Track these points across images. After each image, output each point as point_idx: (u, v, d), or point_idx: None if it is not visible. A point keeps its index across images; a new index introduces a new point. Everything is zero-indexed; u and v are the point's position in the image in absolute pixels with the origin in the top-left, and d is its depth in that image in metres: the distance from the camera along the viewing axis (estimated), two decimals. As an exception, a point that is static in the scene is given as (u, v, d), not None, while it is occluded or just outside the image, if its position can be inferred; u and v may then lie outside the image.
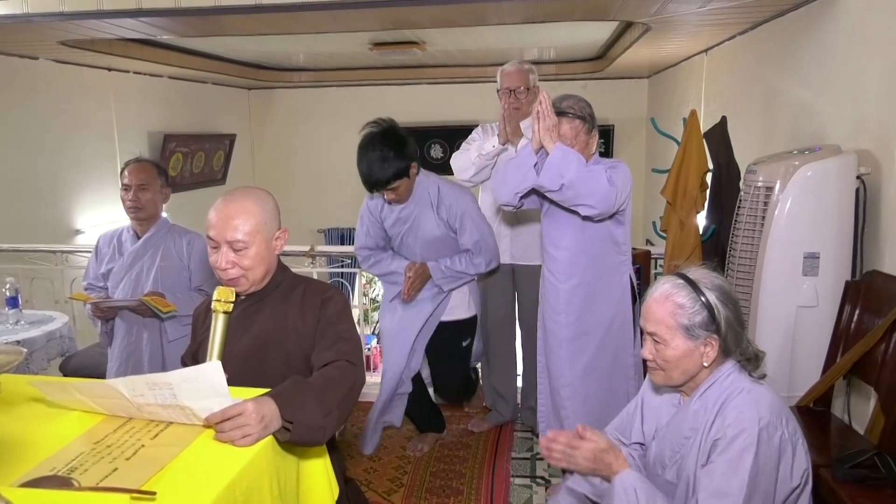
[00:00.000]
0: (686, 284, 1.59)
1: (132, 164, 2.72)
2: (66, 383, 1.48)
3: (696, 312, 1.56)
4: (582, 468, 1.65)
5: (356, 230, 3.24)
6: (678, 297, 1.58)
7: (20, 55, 4.80)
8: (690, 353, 1.58)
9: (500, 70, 3.25)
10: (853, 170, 2.55)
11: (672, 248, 3.16)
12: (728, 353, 1.60)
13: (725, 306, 1.57)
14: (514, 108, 3.20)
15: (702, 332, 1.56)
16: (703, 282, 1.59)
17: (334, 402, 1.46)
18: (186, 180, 7.16)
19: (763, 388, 1.58)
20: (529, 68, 3.22)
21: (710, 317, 1.55)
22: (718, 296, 1.57)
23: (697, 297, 1.56)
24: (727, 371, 1.60)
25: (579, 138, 2.46)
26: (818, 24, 3.13)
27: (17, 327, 3.36)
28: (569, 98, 2.50)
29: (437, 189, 2.95)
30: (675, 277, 1.63)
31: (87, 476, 1.22)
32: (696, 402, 1.62)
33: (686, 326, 1.56)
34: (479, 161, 3.15)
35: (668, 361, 1.60)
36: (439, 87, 8.26)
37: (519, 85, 3.17)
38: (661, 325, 1.59)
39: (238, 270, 1.68)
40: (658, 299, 1.61)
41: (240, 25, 3.88)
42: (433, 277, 3.01)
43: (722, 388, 1.58)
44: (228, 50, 6.40)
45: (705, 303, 1.56)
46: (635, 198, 8.89)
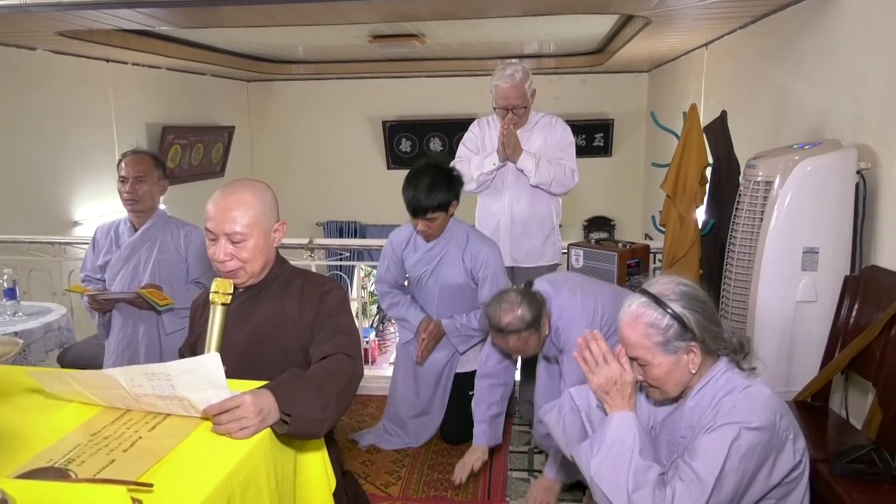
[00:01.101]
0: (650, 301, 1.58)
1: (129, 156, 2.70)
2: (64, 374, 1.47)
3: (667, 327, 1.56)
4: (596, 383, 1.63)
5: (378, 265, 3.26)
6: (646, 317, 1.58)
7: (18, 46, 4.78)
8: (676, 366, 1.58)
9: (494, 85, 3.18)
10: (853, 165, 2.55)
11: (671, 243, 3.16)
12: (713, 352, 1.60)
13: (694, 311, 1.56)
14: (513, 123, 3.19)
15: (679, 344, 1.56)
16: (666, 294, 1.58)
17: (332, 395, 1.46)
18: (185, 172, 7.15)
19: (758, 385, 1.57)
20: (523, 78, 3.15)
21: (682, 326, 1.55)
22: (684, 304, 1.57)
23: (664, 312, 1.56)
24: (721, 370, 1.60)
25: (530, 343, 2.40)
26: (819, 18, 3.12)
27: (14, 318, 3.36)
28: (505, 313, 2.34)
29: (467, 236, 2.99)
30: (638, 296, 1.62)
31: (85, 468, 1.22)
32: (691, 399, 1.62)
33: (662, 343, 1.56)
34: (481, 178, 3.26)
35: (658, 379, 1.61)
36: (439, 81, 8.24)
37: (516, 103, 3.15)
38: (639, 348, 1.59)
39: (236, 262, 1.68)
40: (628, 323, 1.61)
41: (239, 17, 3.86)
42: (448, 335, 3.05)
43: (717, 386, 1.58)
44: (227, 42, 6.37)
45: (673, 314, 1.56)
46: (636, 191, 8.84)
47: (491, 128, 3.33)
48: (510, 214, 3.27)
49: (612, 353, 1.63)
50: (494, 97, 3.19)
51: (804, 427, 2.31)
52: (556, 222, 3.38)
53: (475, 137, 3.38)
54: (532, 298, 2.38)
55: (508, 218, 3.28)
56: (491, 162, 3.20)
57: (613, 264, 3.13)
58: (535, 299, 2.38)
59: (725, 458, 1.45)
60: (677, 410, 1.67)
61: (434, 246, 2.99)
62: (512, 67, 3.15)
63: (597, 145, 8.27)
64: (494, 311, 2.37)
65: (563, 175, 3.22)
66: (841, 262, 2.59)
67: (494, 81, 3.17)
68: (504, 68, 3.16)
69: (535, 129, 3.29)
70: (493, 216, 3.31)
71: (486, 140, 3.34)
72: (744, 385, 1.56)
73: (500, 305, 2.36)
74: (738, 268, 2.78)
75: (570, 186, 3.28)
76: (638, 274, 3.21)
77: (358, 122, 8.61)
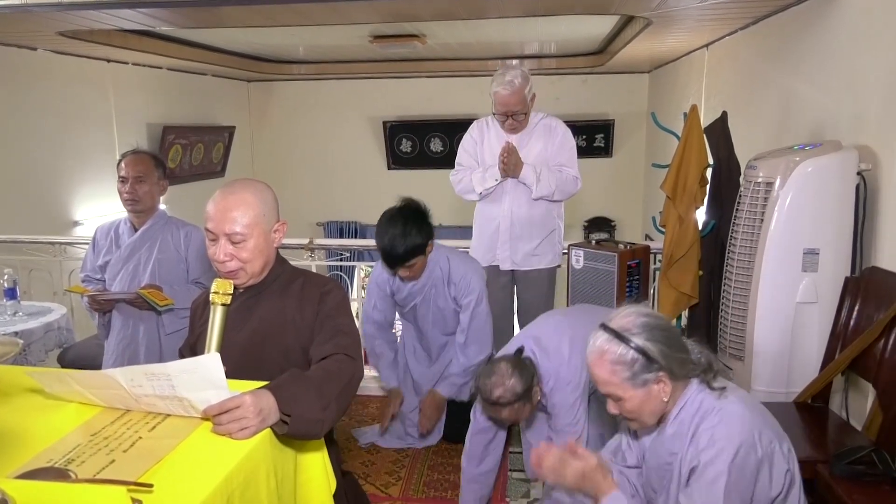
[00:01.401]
0: (612, 338, 1.59)
1: (129, 156, 2.70)
2: (63, 374, 1.47)
3: (632, 361, 1.57)
4: (569, 485, 1.66)
5: (364, 302, 3.24)
6: (610, 354, 1.59)
7: (18, 46, 4.78)
8: (648, 397, 1.59)
9: (493, 91, 3.13)
10: (854, 166, 2.55)
11: (671, 244, 3.15)
12: (682, 377, 1.61)
13: (656, 342, 1.57)
14: (512, 129, 3.18)
15: (647, 376, 1.57)
16: (627, 329, 1.59)
17: (332, 396, 1.46)
18: (185, 172, 7.15)
19: (730, 403, 1.57)
20: (522, 83, 3.09)
21: (647, 359, 1.56)
22: (646, 336, 1.58)
23: (628, 346, 1.57)
24: (693, 392, 1.61)
25: (522, 412, 2.35)
26: (819, 19, 3.12)
27: (14, 318, 3.36)
28: (496, 387, 2.27)
29: (448, 263, 2.97)
30: (601, 331, 1.63)
31: (85, 468, 1.22)
32: (670, 426, 1.64)
33: (630, 378, 1.58)
34: (483, 192, 3.27)
35: (633, 411, 1.62)
36: (439, 81, 8.24)
37: (516, 109, 3.12)
38: (608, 385, 1.61)
39: (236, 263, 1.68)
40: (595, 362, 1.63)
41: (239, 17, 3.87)
42: (447, 396, 3.06)
43: (693, 409, 1.60)
44: (228, 42, 6.37)
45: (636, 348, 1.57)
46: (637, 192, 8.86)
47: (490, 129, 3.30)
48: (510, 218, 3.25)
49: (566, 452, 1.66)
50: (494, 103, 3.16)
51: (804, 428, 2.32)
52: (557, 224, 3.36)
53: (474, 142, 3.34)
54: (523, 368, 2.31)
55: (508, 221, 3.26)
56: (492, 178, 3.19)
57: (614, 265, 3.12)
58: (526, 369, 2.31)
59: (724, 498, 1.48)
60: (658, 438, 1.69)
61: (417, 283, 2.99)
62: (511, 73, 3.09)
63: (597, 146, 8.27)
64: (485, 384, 2.30)
65: (564, 183, 3.21)
66: (841, 264, 2.59)
67: (494, 87, 3.13)
68: (503, 73, 3.11)
69: (534, 132, 3.26)
70: (492, 219, 3.30)
71: (485, 143, 3.30)
72: (717, 408, 1.57)
73: (491, 378, 2.29)
74: (739, 269, 2.78)
75: (574, 192, 3.27)
76: (638, 275, 3.21)
77: (358, 123, 8.61)
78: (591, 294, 3.23)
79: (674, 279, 3.16)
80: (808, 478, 2.04)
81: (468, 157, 3.34)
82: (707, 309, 3.26)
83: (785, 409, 2.46)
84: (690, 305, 3.27)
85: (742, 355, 2.76)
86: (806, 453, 2.15)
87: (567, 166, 3.23)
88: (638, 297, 3.22)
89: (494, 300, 3.40)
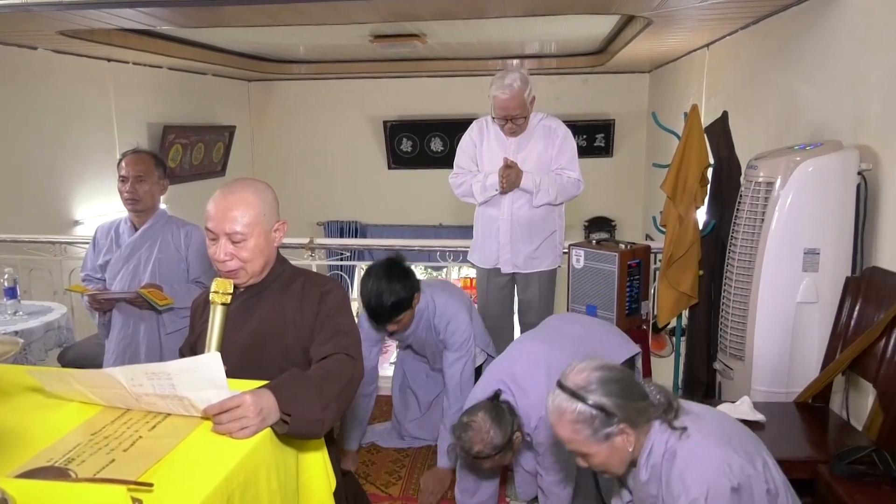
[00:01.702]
0: (569, 397, 1.60)
1: (129, 156, 2.69)
2: (64, 373, 1.47)
3: (591, 418, 1.58)
4: None
5: None
6: (569, 414, 1.60)
7: (19, 45, 4.78)
8: (612, 450, 1.61)
9: (492, 95, 3.08)
10: (854, 165, 2.54)
11: (670, 243, 3.15)
12: (644, 423, 1.62)
13: (611, 395, 1.58)
14: (512, 132, 3.16)
15: (609, 430, 1.58)
16: (582, 387, 1.60)
17: (333, 395, 1.46)
18: (186, 172, 7.15)
19: (694, 444, 1.58)
20: (521, 87, 3.03)
21: (606, 414, 1.57)
22: (602, 391, 1.59)
23: (585, 405, 1.58)
24: (657, 433, 1.62)
25: (504, 460, 2.31)
26: (820, 19, 3.11)
27: (15, 318, 3.36)
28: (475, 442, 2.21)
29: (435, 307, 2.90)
30: (557, 391, 1.64)
31: (85, 467, 1.22)
32: (643, 471, 1.64)
33: (591, 435, 1.59)
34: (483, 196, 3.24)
35: (601, 465, 1.64)
36: (440, 80, 8.24)
37: (515, 113, 3.08)
38: (573, 443, 1.63)
39: (237, 262, 1.68)
40: (555, 422, 1.65)
41: (240, 16, 3.86)
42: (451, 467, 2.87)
43: (660, 451, 1.60)
44: (228, 41, 6.37)
45: (594, 405, 1.57)
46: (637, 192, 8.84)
47: (490, 130, 3.26)
48: (510, 220, 3.22)
49: None
50: (493, 107, 3.11)
51: (805, 428, 2.33)
52: (558, 225, 3.34)
53: (473, 143, 3.30)
54: (501, 417, 2.22)
55: (508, 224, 3.23)
56: (493, 188, 3.16)
57: (614, 265, 3.12)
58: (505, 417, 2.23)
59: None
60: (636, 484, 1.70)
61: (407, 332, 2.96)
62: (510, 76, 3.03)
63: (598, 145, 8.27)
64: (463, 438, 2.22)
65: (565, 188, 3.18)
66: (842, 263, 2.58)
67: (493, 91, 3.07)
68: (503, 77, 3.05)
69: (534, 133, 3.21)
70: (493, 221, 3.28)
71: (484, 145, 3.26)
72: (681, 450, 1.57)
73: (468, 433, 2.21)
74: (739, 268, 2.77)
75: (576, 195, 3.24)
76: (639, 275, 3.21)
77: (359, 122, 8.61)
78: (592, 294, 3.23)
79: (674, 279, 3.16)
80: (809, 478, 2.04)
81: (467, 159, 3.30)
82: (707, 309, 3.26)
83: (785, 409, 2.46)
84: (690, 305, 3.27)
85: (742, 355, 2.76)
86: (806, 453, 2.15)
87: (568, 169, 3.19)
88: (638, 297, 3.23)
89: (494, 300, 3.41)
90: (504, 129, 3.17)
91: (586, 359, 1.70)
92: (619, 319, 3.15)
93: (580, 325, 2.69)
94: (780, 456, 2.07)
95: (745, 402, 2.36)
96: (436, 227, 8.48)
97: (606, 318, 3.17)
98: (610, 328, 2.82)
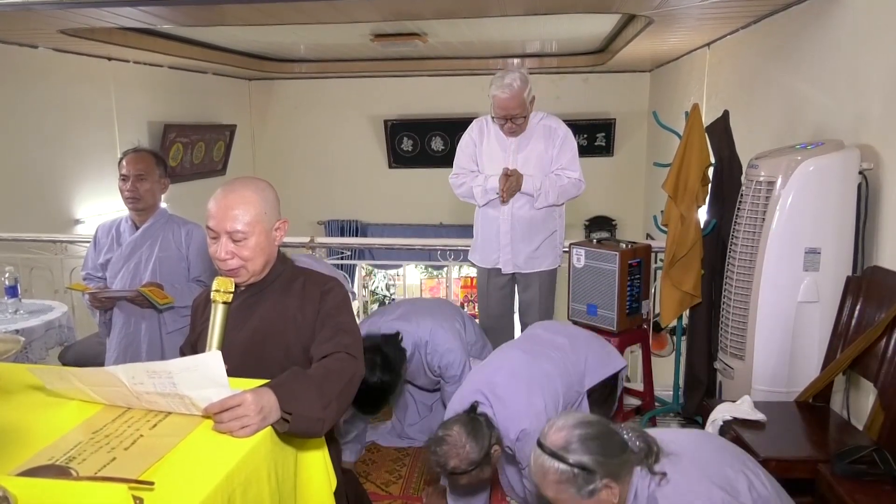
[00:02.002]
0: (550, 457, 1.61)
1: (130, 154, 2.69)
2: (65, 371, 1.47)
3: (574, 477, 1.58)
4: None
5: None
6: (552, 474, 1.61)
7: (19, 44, 4.78)
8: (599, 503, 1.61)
9: (492, 94, 3.07)
10: (855, 165, 2.54)
11: (673, 243, 3.15)
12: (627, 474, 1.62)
13: (592, 453, 1.59)
14: (511, 132, 3.15)
15: (593, 486, 1.59)
16: (562, 446, 1.60)
17: (333, 394, 1.46)
18: (186, 171, 7.15)
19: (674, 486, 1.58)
20: (521, 86, 3.02)
21: (588, 472, 1.58)
22: (582, 449, 1.59)
23: (566, 464, 1.59)
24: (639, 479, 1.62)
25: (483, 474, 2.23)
26: (821, 18, 3.11)
27: (16, 316, 3.36)
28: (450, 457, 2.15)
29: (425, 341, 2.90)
30: (538, 451, 1.64)
31: (86, 465, 1.22)
32: None
33: (576, 492, 1.59)
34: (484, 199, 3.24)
35: None
36: (441, 79, 8.24)
37: (515, 113, 3.07)
38: (559, 501, 1.63)
39: (237, 261, 1.68)
40: (539, 482, 1.65)
41: (240, 15, 3.86)
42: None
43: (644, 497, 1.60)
44: (229, 40, 6.37)
45: (575, 464, 1.58)
46: (638, 191, 8.84)
47: (490, 129, 3.25)
48: (510, 220, 3.22)
49: None
50: (493, 106, 3.10)
51: (806, 428, 2.33)
52: (558, 224, 3.34)
53: (473, 143, 3.29)
54: (478, 431, 2.16)
55: (509, 223, 3.22)
56: (493, 192, 3.16)
57: (615, 264, 3.12)
58: (482, 430, 2.17)
59: None
60: None
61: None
62: (510, 76, 3.02)
63: (598, 145, 8.27)
64: (437, 453, 2.16)
65: (566, 189, 3.18)
66: (843, 263, 2.58)
67: (492, 91, 3.06)
68: (502, 76, 3.04)
69: (534, 133, 3.20)
70: (493, 221, 3.27)
71: (484, 145, 3.26)
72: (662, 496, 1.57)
73: (443, 447, 2.14)
74: (740, 268, 2.77)
75: (577, 195, 3.24)
76: (639, 274, 3.20)
77: (359, 121, 8.61)
78: (592, 293, 3.23)
79: (676, 278, 3.16)
80: (809, 477, 2.04)
81: (467, 159, 3.29)
82: (708, 308, 3.26)
83: (786, 408, 2.46)
84: (692, 305, 3.27)
85: (743, 355, 2.76)
86: (807, 453, 2.15)
87: (569, 169, 3.19)
88: (639, 296, 3.23)
89: (495, 300, 3.41)
90: (504, 129, 3.15)
91: (564, 414, 1.71)
92: (620, 319, 3.15)
93: (565, 336, 2.63)
94: (780, 455, 2.09)
95: (745, 401, 2.36)
96: (436, 226, 8.48)
97: (607, 317, 3.17)
98: (595, 341, 2.73)
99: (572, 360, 2.48)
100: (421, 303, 3.25)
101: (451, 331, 2.93)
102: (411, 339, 2.86)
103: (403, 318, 2.94)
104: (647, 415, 3.40)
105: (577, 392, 2.46)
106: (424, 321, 2.92)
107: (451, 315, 3.06)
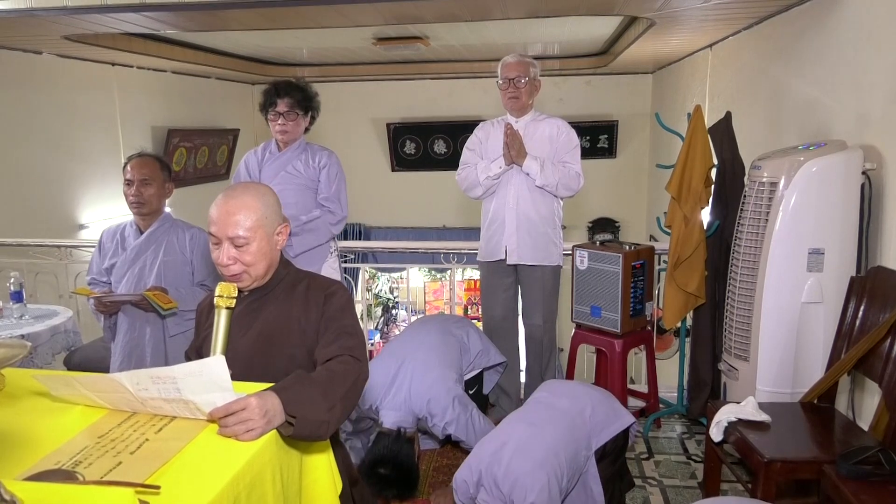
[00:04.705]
0: None
1: (135, 159, 2.71)
2: (70, 377, 1.48)
3: None
4: None
5: None
6: None
7: (24, 50, 4.80)
8: None
9: (501, 62, 3.28)
10: (858, 165, 2.54)
11: (676, 244, 3.15)
12: None
13: None
14: (513, 97, 3.21)
15: None
16: None
17: (338, 397, 1.46)
18: (190, 175, 7.17)
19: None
20: (530, 61, 3.25)
21: None
22: None
23: None
24: None
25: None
26: (823, 19, 3.11)
27: (21, 322, 3.38)
28: None
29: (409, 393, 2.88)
30: None
31: (92, 470, 1.22)
32: None
33: None
34: (487, 182, 3.27)
35: None
36: (443, 83, 8.24)
37: (518, 74, 3.21)
38: None
39: (240, 266, 1.68)
40: None
41: (243, 20, 3.88)
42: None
43: None
44: (232, 45, 6.39)
45: None
46: (641, 193, 8.83)
47: (496, 130, 3.31)
48: (515, 215, 3.26)
49: None
50: (499, 72, 3.28)
51: (810, 428, 2.32)
52: (559, 224, 3.36)
53: (479, 140, 3.37)
54: None
55: (514, 220, 3.26)
56: (497, 165, 3.20)
57: (618, 266, 3.12)
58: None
59: None
60: None
61: None
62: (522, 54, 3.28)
63: (601, 147, 8.27)
64: None
65: (567, 178, 3.21)
66: (847, 263, 2.58)
67: (502, 61, 3.30)
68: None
69: (538, 128, 3.27)
70: (497, 216, 3.31)
71: (489, 142, 3.32)
72: None
73: None
74: (744, 269, 2.77)
75: (576, 189, 3.28)
76: (643, 276, 3.20)
77: (362, 125, 8.62)
78: (596, 295, 3.23)
79: (681, 280, 3.16)
80: (815, 478, 2.04)
81: (473, 155, 3.36)
82: (712, 309, 3.26)
83: (790, 409, 2.46)
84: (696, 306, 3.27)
85: (747, 355, 2.75)
86: (812, 454, 2.15)
87: (570, 163, 3.24)
88: (643, 298, 3.22)
89: (498, 301, 3.41)
90: (506, 99, 3.26)
91: None
92: (624, 320, 3.15)
93: (568, 398, 2.54)
94: (785, 457, 2.09)
95: (750, 402, 2.35)
96: (439, 229, 8.49)
97: (611, 319, 3.17)
98: (601, 399, 2.60)
99: (577, 423, 2.42)
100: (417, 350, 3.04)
101: (450, 389, 2.88)
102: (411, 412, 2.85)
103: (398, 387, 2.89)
104: (652, 416, 3.40)
105: (585, 456, 2.40)
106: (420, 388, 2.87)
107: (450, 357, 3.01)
